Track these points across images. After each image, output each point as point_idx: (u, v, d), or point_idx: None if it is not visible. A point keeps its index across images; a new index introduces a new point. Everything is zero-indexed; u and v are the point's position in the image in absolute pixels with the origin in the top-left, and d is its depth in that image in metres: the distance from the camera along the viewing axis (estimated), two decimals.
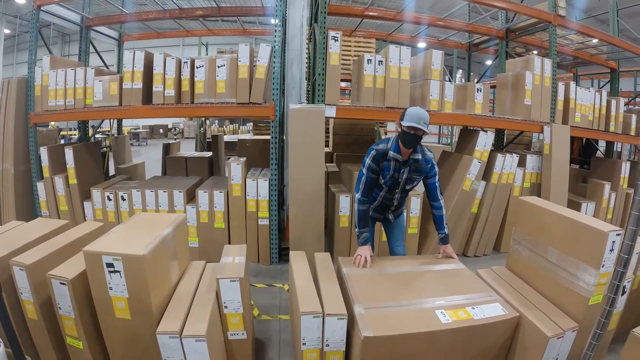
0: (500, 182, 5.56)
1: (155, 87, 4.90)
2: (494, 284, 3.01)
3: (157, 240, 2.44)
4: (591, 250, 2.52)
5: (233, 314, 2.67)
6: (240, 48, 4.72)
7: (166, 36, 8.62)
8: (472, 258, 5.63)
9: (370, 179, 3.24)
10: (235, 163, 4.83)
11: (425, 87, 5.14)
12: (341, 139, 7.62)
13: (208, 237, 5.02)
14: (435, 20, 7.29)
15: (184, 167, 7.15)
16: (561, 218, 2.79)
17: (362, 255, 3.16)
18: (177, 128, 25.46)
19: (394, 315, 2.49)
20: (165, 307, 2.49)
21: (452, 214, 5.04)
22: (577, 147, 9.39)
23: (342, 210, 4.84)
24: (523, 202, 3.24)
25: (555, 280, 2.75)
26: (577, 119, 6.27)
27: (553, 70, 5.97)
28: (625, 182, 6.78)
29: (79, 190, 5.34)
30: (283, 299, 4.19)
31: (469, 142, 5.45)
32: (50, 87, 5.23)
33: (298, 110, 4.38)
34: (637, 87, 12.51)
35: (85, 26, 6.45)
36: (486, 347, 2.59)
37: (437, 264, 3.27)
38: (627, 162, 6.87)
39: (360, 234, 3.28)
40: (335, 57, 4.61)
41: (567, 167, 6.00)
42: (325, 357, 2.53)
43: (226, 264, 2.81)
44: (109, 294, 2.31)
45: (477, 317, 2.51)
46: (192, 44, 17.04)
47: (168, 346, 2.27)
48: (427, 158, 3.27)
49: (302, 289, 2.72)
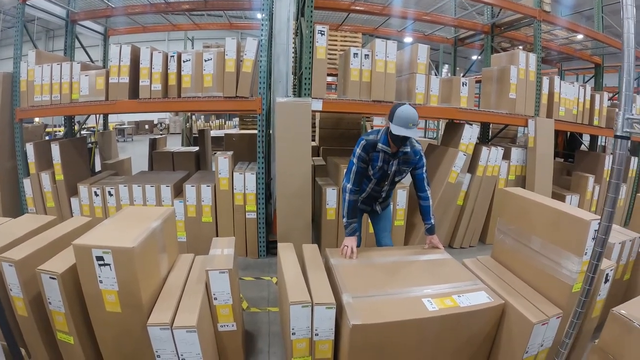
0: (486, 174, 5.65)
1: (142, 82, 4.87)
2: (480, 273, 3.06)
3: (146, 233, 2.45)
4: (574, 238, 2.56)
5: (223, 306, 2.69)
6: (227, 42, 4.72)
7: (152, 30, 8.55)
8: (458, 249, 5.72)
9: (361, 168, 3.25)
10: (223, 157, 4.85)
11: (411, 81, 5.18)
12: (327, 133, 7.63)
13: (196, 231, 5.03)
14: (421, 15, 7.33)
15: (171, 162, 7.15)
16: (544, 207, 2.84)
17: (348, 246, 3.18)
18: (163, 124, 25.19)
19: (382, 304, 2.53)
20: (155, 299, 2.50)
21: (438, 206, 5.10)
22: (561, 140, 9.52)
23: (329, 203, 4.88)
24: (507, 192, 3.29)
25: (539, 268, 2.80)
26: (562, 113, 6.38)
27: (538, 65, 6.07)
28: (608, 175, 6.86)
29: (65, 186, 5.32)
30: (271, 292, 4.23)
31: (454, 135, 5.52)
32: (36, 82, 5.18)
33: (285, 103, 4.40)
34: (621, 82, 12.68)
35: (70, 20, 6.38)
36: (472, 334, 2.64)
37: (424, 254, 3.32)
38: (610, 156, 6.96)
39: (349, 224, 3.29)
40: (322, 51, 4.63)
41: (551, 159, 6.11)
42: (315, 346, 2.56)
43: (215, 256, 2.83)
44: (99, 287, 2.31)
45: (463, 304, 2.55)
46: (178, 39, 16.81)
47: (159, 338, 2.28)
48: (416, 150, 3.31)
49: (290, 280, 2.75)
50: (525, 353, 2.48)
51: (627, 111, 1.67)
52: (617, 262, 3.21)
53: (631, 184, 7.26)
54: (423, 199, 3.41)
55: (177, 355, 2.31)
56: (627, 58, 1.70)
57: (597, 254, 1.85)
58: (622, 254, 3.36)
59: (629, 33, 1.68)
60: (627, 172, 7.22)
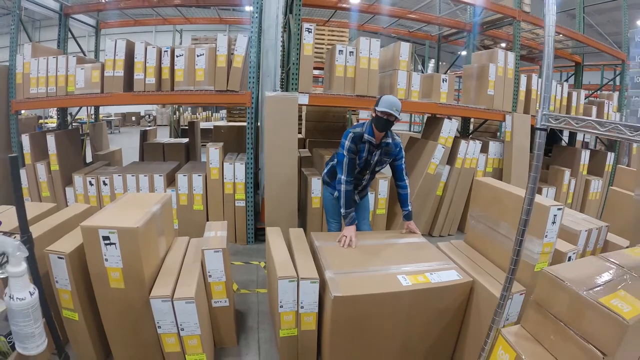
0: (464, 166, 5.94)
1: (136, 75, 5.05)
2: (452, 255, 3.33)
3: (148, 215, 2.66)
4: (536, 222, 2.82)
5: (217, 282, 2.95)
6: (219, 38, 4.94)
7: (143, 24, 8.68)
8: (437, 238, 6.00)
9: (352, 159, 3.44)
10: (214, 148, 5.07)
11: (394, 77, 5.45)
12: (314, 126, 7.85)
13: (187, 218, 5.24)
14: (406, 13, 7.60)
15: (162, 152, 7.32)
16: (511, 195, 3.11)
17: (347, 235, 3.32)
18: (150, 115, 25.01)
19: (361, 279, 2.80)
20: (155, 277, 2.72)
21: (418, 196, 5.38)
22: None
23: (314, 192, 5.15)
24: (479, 182, 3.57)
25: (506, 251, 3.04)
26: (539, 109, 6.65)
27: (516, 63, 6.36)
28: (585, 169, 7.22)
29: (60, 176, 5.48)
30: (260, 275, 4.48)
31: (434, 128, 5.79)
32: (32, 75, 5.31)
33: (273, 97, 4.65)
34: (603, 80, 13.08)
35: (64, 14, 6.51)
36: (443, 309, 2.90)
37: (401, 238, 3.60)
38: (586, 150, 7.31)
39: (348, 214, 3.45)
40: (309, 47, 4.87)
41: (527, 153, 6.42)
42: (300, 318, 2.82)
43: (209, 237, 3.08)
44: (105, 265, 2.50)
45: (434, 281, 2.82)
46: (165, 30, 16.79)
47: (160, 309, 2.51)
48: (396, 142, 3.58)
49: (278, 258, 3.01)
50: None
51: (544, 108, 1.94)
52: (584, 248, 3.47)
53: (606, 178, 7.59)
54: (402, 187, 3.68)
55: (176, 326, 2.54)
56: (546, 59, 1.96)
57: (523, 222, 2.12)
58: (589, 241, 3.61)
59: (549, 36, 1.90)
60: (603, 167, 7.56)
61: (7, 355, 1.81)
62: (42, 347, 1.81)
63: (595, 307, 1.85)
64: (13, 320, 1.70)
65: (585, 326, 1.88)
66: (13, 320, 1.70)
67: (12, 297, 1.68)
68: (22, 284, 1.69)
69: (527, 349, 2.08)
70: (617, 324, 1.74)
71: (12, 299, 1.68)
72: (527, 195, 2.05)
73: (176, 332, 2.56)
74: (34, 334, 1.73)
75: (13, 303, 1.67)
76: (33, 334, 1.73)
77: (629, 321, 1.71)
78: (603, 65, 12.67)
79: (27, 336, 1.72)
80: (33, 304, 1.71)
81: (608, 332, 1.78)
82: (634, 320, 1.72)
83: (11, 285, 1.68)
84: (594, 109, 7.67)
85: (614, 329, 1.75)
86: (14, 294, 1.68)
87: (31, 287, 1.73)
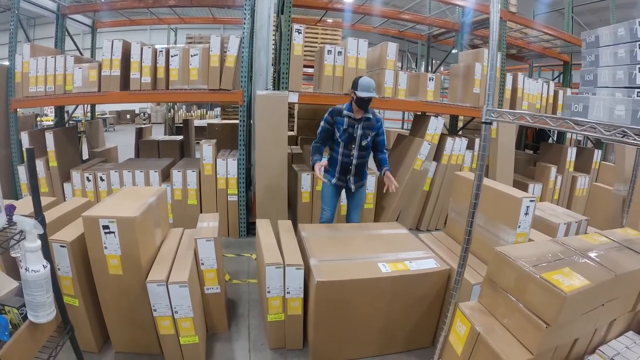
0: (450, 162, 6.14)
1: (132, 74, 5.20)
2: (432, 245, 3.55)
3: (144, 206, 2.84)
4: (509, 213, 3.04)
5: (209, 270, 3.14)
6: (212, 39, 5.10)
7: (139, 23, 8.83)
8: (424, 232, 6.16)
9: (325, 128, 3.99)
10: (207, 144, 5.25)
11: (381, 76, 5.65)
12: (305, 124, 8.00)
13: (182, 213, 5.41)
14: (396, 14, 7.77)
15: (157, 150, 7.48)
16: (487, 188, 3.31)
17: (315, 169, 3.75)
18: (145, 113, 24.89)
19: (343, 266, 3.01)
20: (151, 264, 2.90)
21: (405, 191, 5.57)
22: (530, 133, 10.08)
23: (303, 187, 5.34)
24: (458, 176, 3.80)
25: (483, 241, 3.28)
26: (524, 107, 6.88)
27: (502, 62, 6.56)
28: (571, 166, 7.40)
29: (59, 173, 5.61)
30: (251, 267, 4.67)
31: (421, 126, 5.98)
32: (30, 74, 5.45)
33: (264, 96, 4.84)
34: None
35: (61, 14, 6.64)
36: (423, 294, 3.10)
37: (384, 229, 3.83)
38: (573, 148, 7.49)
39: (312, 159, 3.93)
40: (299, 48, 5.07)
41: (512, 149, 6.62)
42: (287, 303, 3.02)
43: (202, 228, 3.28)
44: (104, 252, 2.68)
45: (413, 268, 3.04)
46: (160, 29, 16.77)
47: (156, 293, 2.68)
48: (377, 118, 4.05)
49: (266, 247, 3.22)
50: None
51: (488, 105, 2.16)
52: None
53: (594, 175, 7.75)
54: (382, 153, 4.12)
55: (170, 309, 2.72)
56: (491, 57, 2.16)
57: (472, 205, 2.38)
58: (568, 233, 3.81)
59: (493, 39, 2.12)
60: (590, 163, 7.73)
61: (18, 326, 1.98)
62: (51, 315, 2.03)
63: (537, 281, 2.06)
64: (27, 290, 1.91)
65: (529, 298, 2.11)
66: (27, 290, 1.92)
67: (28, 269, 1.89)
68: (36, 258, 1.91)
69: (480, 320, 2.30)
70: (556, 296, 1.95)
71: (28, 270, 1.89)
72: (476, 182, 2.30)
73: (170, 314, 2.73)
74: (45, 303, 1.96)
75: (29, 274, 1.89)
76: (44, 303, 1.95)
77: (567, 294, 1.91)
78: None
79: (39, 305, 1.94)
80: (46, 276, 1.93)
81: (549, 303, 1.99)
82: (572, 293, 1.93)
83: (27, 259, 1.90)
84: None
85: (554, 300, 1.96)
86: (30, 266, 1.89)
87: (44, 261, 1.96)
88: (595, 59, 2.11)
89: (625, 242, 2.63)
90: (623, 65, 1.95)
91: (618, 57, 1.99)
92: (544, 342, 2.01)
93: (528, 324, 2.07)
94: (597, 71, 2.09)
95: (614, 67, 2.00)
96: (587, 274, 2.11)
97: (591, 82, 2.12)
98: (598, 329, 2.33)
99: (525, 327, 2.09)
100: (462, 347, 2.33)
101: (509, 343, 2.12)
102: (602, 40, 2.08)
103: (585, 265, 2.24)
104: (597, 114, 1.85)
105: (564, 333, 2.11)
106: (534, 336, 2.03)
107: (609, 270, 2.19)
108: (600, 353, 2.28)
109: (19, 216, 1.91)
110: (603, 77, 2.06)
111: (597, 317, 2.21)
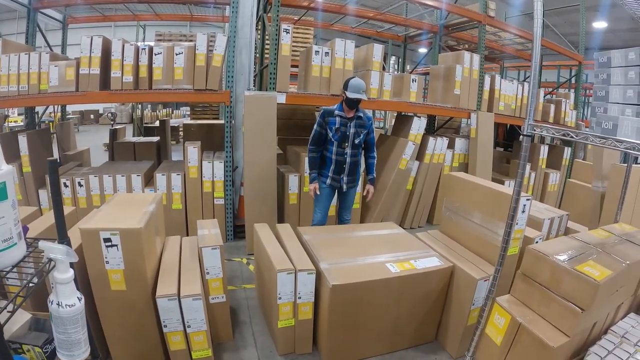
0: (432, 162, 6.26)
1: (113, 73, 4.96)
2: (431, 243, 3.61)
3: (147, 216, 2.68)
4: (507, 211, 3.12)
5: (214, 279, 3.03)
6: (198, 37, 4.97)
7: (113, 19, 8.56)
8: (408, 229, 6.22)
9: (318, 131, 4.07)
10: (192, 146, 5.09)
11: (367, 77, 5.65)
12: (283, 123, 7.82)
13: (166, 218, 5.08)
14: (375, 15, 7.84)
15: (132, 152, 7.13)
16: (483, 188, 3.44)
17: (311, 188, 4.12)
18: (110, 113, 23.80)
19: (353, 268, 3.04)
20: (156, 276, 2.75)
21: (390, 190, 5.60)
22: (502, 132, 10.38)
23: (291, 189, 5.31)
24: (452, 176, 3.87)
25: (480, 237, 3.39)
26: (501, 107, 7.09)
27: (481, 65, 6.72)
28: (544, 163, 7.72)
29: (33, 178, 5.25)
30: (244, 271, 4.59)
31: (404, 126, 6.04)
32: (2, 72, 5.12)
33: (253, 97, 4.77)
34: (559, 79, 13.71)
35: (33, 8, 6.27)
36: (428, 292, 3.19)
37: (382, 229, 3.89)
38: (545, 146, 7.81)
39: (310, 175, 4.17)
40: (287, 48, 5.02)
41: (491, 148, 6.81)
42: (298, 308, 3.01)
43: (204, 235, 3.17)
44: (105, 267, 2.48)
45: (419, 267, 3.11)
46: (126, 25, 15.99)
47: (167, 308, 2.55)
48: (368, 116, 4.20)
49: (273, 253, 3.18)
50: (472, 305, 3.05)
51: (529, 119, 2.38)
52: (547, 234, 3.80)
53: (564, 171, 8.10)
54: (371, 158, 4.31)
55: (182, 323, 2.61)
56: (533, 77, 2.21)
57: (510, 216, 2.57)
58: (552, 227, 3.94)
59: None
60: (561, 160, 8.07)
61: None
62: (87, 353, 1.71)
63: (572, 273, 2.35)
64: (60, 328, 1.59)
65: (565, 289, 2.38)
66: (60, 328, 1.59)
67: (61, 304, 1.55)
68: (70, 290, 1.59)
69: (519, 312, 2.56)
70: (591, 285, 2.25)
71: (61, 306, 1.55)
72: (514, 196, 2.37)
73: (182, 329, 2.64)
74: (81, 340, 1.64)
75: (62, 310, 1.55)
76: (80, 340, 1.63)
77: (600, 282, 2.23)
78: (559, 65, 13.27)
79: (74, 343, 1.62)
80: (81, 309, 1.62)
81: (584, 291, 2.28)
82: (604, 281, 2.24)
83: (59, 292, 1.56)
84: (552, 107, 8.09)
85: (589, 288, 2.25)
86: (63, 300, 1.56)
87: (78, 293, 1.64)
88: (607, 78, 2.39)
89: (625, 236, 2.92)
90: (633, 85, 2.24)
91: (628, 77, 2.27)
92: (579, 325, 2.31)
93: (565, 311, 2.35)
94: (609, 88, 2.37)
95: (624, 86, 2.29)
96: (607, 264, 2.42)
97: (603, 97, 2.41)
98: (610, 312, 2.64)
99: (562, 314, 2.37)
100: (501, 337, 2.59)
101: (548, 329, 2.40)
102: (614, 62, 2.36)
103: (603, 257, 2.53)
104: (625, 131, 2.13)
105: (592, 316, 2.40)
106: (570, 321, 2.32)
107: (621, 261, 2.49)
108: (612, 332, 2.56)
109: (46, 242, 1.57)
110: (614, 94, 2.34)
111: (613, 301, 2.54)
